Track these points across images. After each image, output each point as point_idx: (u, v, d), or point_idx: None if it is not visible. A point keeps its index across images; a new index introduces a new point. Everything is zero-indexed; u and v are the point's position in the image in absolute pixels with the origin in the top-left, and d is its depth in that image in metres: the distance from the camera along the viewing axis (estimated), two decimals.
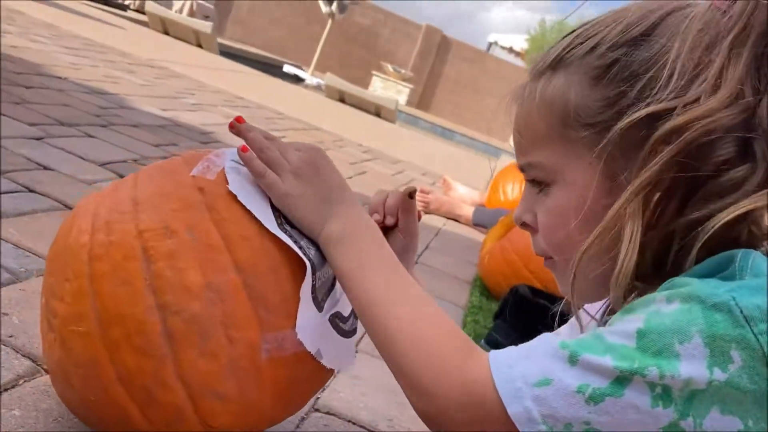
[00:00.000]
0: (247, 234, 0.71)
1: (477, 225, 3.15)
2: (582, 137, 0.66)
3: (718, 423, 0.52)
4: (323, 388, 1.08)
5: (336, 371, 0.82)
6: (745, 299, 0.53)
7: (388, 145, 5.19)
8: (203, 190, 0.72)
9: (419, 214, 0.89)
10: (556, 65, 0.69)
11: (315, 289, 0.73)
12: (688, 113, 0.59)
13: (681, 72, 0.61)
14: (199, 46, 8.07)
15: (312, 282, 0.72)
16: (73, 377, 0.71)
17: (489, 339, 1.57)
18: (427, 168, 4.83)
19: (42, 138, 1.99)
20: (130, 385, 0.68)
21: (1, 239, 1.24)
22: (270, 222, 0.72)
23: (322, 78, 9.82)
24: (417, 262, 1.61)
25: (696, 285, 0.55)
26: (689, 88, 0.60)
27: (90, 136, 2.24)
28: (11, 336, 0.97)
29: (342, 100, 7.82)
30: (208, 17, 10.31)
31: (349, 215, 0.73)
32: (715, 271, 0.58)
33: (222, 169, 0.74)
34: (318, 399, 1.12)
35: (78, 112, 2.50)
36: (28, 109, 2.25)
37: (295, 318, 0.71)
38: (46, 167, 1.75)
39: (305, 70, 12.65)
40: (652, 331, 0.53)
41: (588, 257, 0.63)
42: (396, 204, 0.87)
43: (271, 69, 10.16)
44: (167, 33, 8.12)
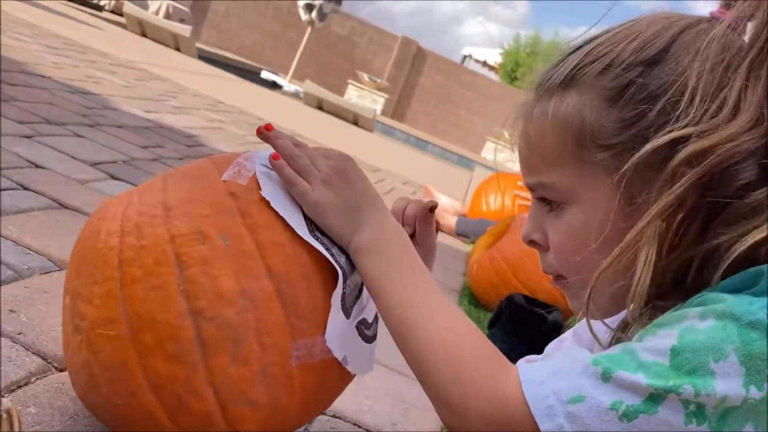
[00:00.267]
0: (280, 240, 0.71)
1: (460, 235, 3.17)
2: (599, 159, 0.65)
3: None
4: None
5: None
6: None
7: (366, 154, 5.20)
8: (235, 195, 0.72)
9: (437, 226, 0.89)
10: (567, 84, 0.67)
11: (344, 297, 0.73)
12: (711, 137, 0.59)
13: (702, 95, 0.61)
14: (177, 49, 8.01)
15: (342, 290, 0.72)
16: (100, 380, 0.70)
17: None
18: (407, 177, 4.85)
19: (32, 136, 1.96)
20: (160, 391, 0.68)
21: (1, 236, 1.22)
22: (302, 229, 0.72)
23: (299, 85, 9.81)
24: None
25: (730, 302, 0.55)
26: (709, 111, 0.60)
27: (78, 135, 2.21)
28: (20, 333, 0.95)
29: (320, 107, 7.82)
30: (183, 20, 10.23)
31: (379, 224, 0.74)
32: (743, 287, 0.58)
33: (253, 174, 0.74)
34: None
35: (64, 111, 2.47)
36: (16, 107, 2.21)
37: (325, 325, 0.71)
38: (38, 165, 1.72)
39: (282, 76, 12.61)
40: (686, 349, 0.53)
41: (606, 277, 0.62)
42: (415, 214, 0.87)
43: (249, 75, 10.11)
44: (144, 35, 8.05)
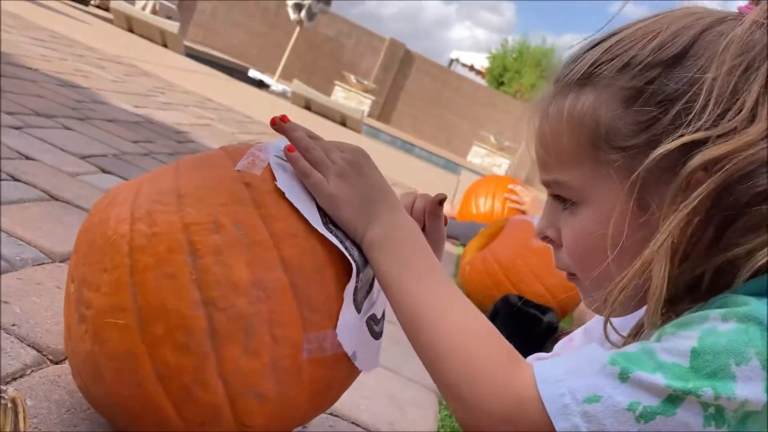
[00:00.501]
0: (294, 232, 0.69)
1: (449, 237, 3.17)
2: (613, 161, 0.64)
3: None
4: None
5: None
6: None
7: None
8: (250, 185, 0.71)
9: (446, 219, 0.88)
10: (584, 81, 0.66)
11: (356, 291, 0.72)
12: (727, 144, 0.57)
13: (717, 99, 0.59)
14: (164, 45, 7.94)
15: (355, 284, 0.71)
16: (105, 371, 0.68)
17: None
18: (395, 179, 4.84)
19: (21, 128, 1.93)
20: (168, 382, 0.66)
21: None
22: (317, 221, 0.70)
23: (287, 85, 9.77)
24: None
25: (754, 305, 0.54)
26: (725, 116, 0.58)
27: (67, 128, 2.18)
28: (14, 325, 0.93)
29: (308, 107, 7.79)
30: (170, 17, 10.15)
31: (393, 218, 0.72)
32: (764, 291, 0.57)
33: (267, 165, 0.73)
34: None
35: (53, 103, 2.43)
36: (4, 99, 2.17)
37: (336, 319, 0.70)
38: (28, 157, 1.70)
39: (269, 76, 12.57)
40: (707, 351, 0.52)
41: (626, 293, 0.61)
42: (423, 208, 0.86)
43: (235, 73, 10.05)
44: (131, 30, 7.98)
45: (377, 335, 0.79)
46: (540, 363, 0.59)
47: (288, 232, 0.69)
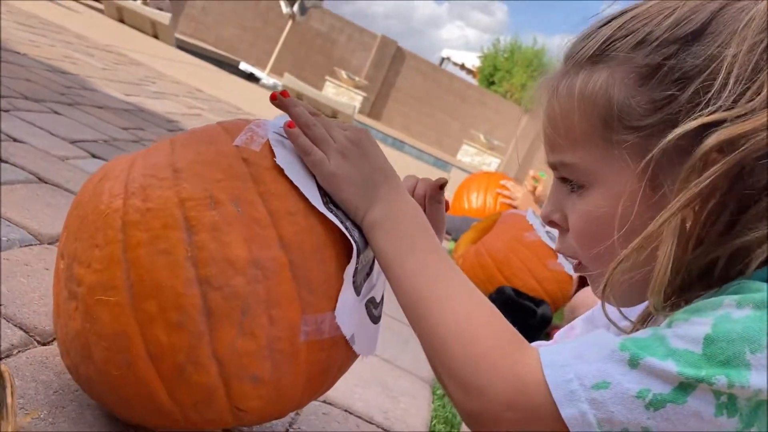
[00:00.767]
0: (294, 210, 0.67)
1: None
2: (625, 140, 0.61)
3: None
4: None
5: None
6: None
7: None
8: (248, 161, 0.68)
9: (447, 204, 0.87)
10: (597, 59, 0.63)
11: (356, 273, 0.70)
12: (744, 124, 0.55)
13: (736, 78, 0.56)
14: (155, 37, 7.88)
15: (355, 265, 0.69)
16: (95, 349, 0.66)
17: None
18: None
19: (9, 110, 1.90)
20: (160, 362, 0.64)
21: None
22: (316, 200, 0.68)
23: (277, 79, 9.72)
24: None
25: None
26: (744, 96, 0.56)
27: (56, 113, 2.14)
28: (1, 305, 0.91)
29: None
30: (161, 9, 10.07)
31: (394, 200, 0.70)
32: None
33: (266, 141, 0.71)
34: None
35: (42, 88, 2.39)
36: None
37: (335, 300, 0.68)
38: (15, 139, 1.66)
39: (260, 70, 12.50)
40: (721, 338, 0.50)
41: (624, 268, 0.59)
42: (425, 192, 0.84)
43: (226, 67, 9.99)
44: (122, 20, 7.91)
45: (376, 319, 0.77)
46: (546, 348, 0.57)
47: (287, 210, 0.67)
